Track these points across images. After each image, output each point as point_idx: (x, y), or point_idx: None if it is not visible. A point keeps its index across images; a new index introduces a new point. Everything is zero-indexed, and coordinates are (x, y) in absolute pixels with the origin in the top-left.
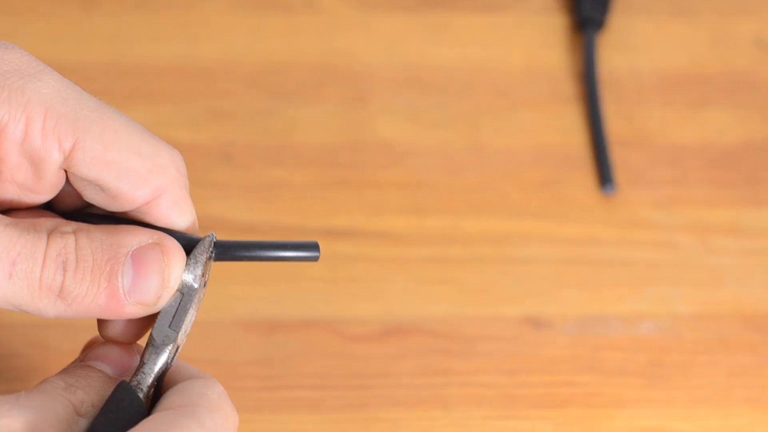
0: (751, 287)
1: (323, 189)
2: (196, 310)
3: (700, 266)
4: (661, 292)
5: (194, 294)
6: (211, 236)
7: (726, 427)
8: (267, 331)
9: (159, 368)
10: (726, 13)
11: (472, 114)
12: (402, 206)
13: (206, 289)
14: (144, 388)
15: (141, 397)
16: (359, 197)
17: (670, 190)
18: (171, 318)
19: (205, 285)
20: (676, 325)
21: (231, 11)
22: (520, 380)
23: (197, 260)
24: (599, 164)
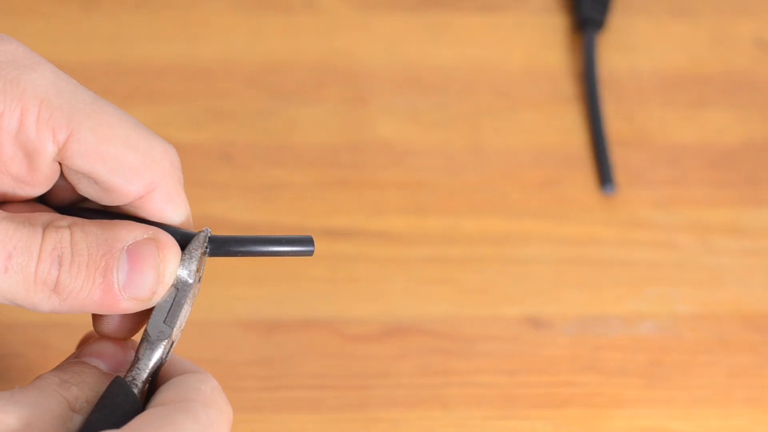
0: (751, 287)
1: (323, 189)
2: (191, 306)
3: (700, 266)
4: (661, 292)
5: (189, 289)
6: (206, 231)
7: (726, 427)
8: (267, 331)
9: (154, 363)
10: (726, 13)
11: (472, 114)
12: (402, 206)
13: (201, 285)
14: (139, 384)
15: (136, 393)
16: (359, 197)
17: (670, 190)
18: (166, 313)
19: (200, 280)
20: (676, 325)
21: (231, 11)
22: (520, 380)
23: (192, 255)
24: (599, 164)
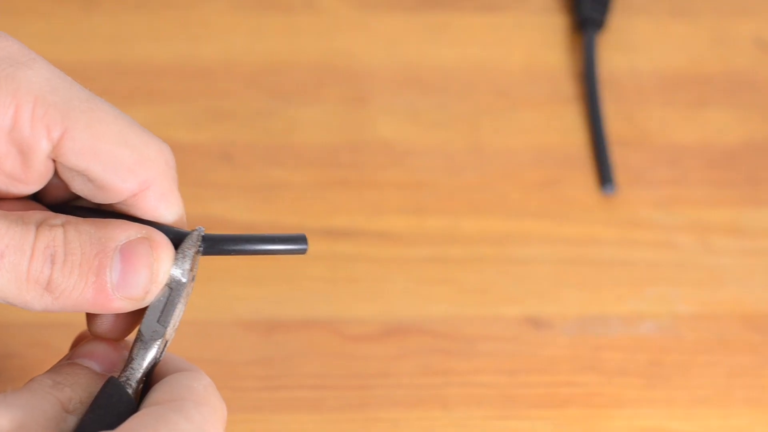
0: (751, 287)
1: (323, 189)
2: (185, 305)
3: (700, 266)
4: (661, 292)
5: (182, 288)
6: (199, 230)
7: (726, 427)
8: (267, 331)
9: (148, 363)
10: (726, 13)
11: (472, 114)
12: (402, 206)
13: (195, 284)
14: (133, 384)
15: (130, 393)
16: (359, 197)
17: (670, 190)
18: (159, 313)
19: (194, 279)
20: (676, 325)
21: (231, 11)
22: (520, 380)
23: (185, 254)
24: (599, 164)
